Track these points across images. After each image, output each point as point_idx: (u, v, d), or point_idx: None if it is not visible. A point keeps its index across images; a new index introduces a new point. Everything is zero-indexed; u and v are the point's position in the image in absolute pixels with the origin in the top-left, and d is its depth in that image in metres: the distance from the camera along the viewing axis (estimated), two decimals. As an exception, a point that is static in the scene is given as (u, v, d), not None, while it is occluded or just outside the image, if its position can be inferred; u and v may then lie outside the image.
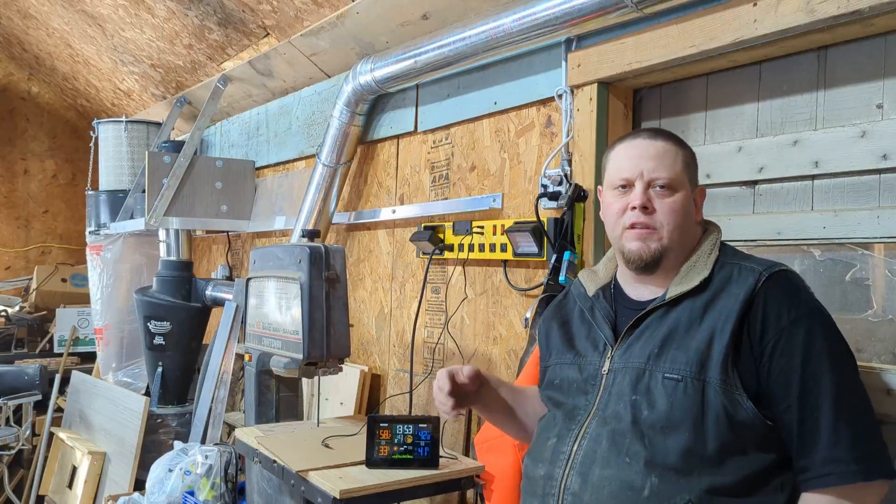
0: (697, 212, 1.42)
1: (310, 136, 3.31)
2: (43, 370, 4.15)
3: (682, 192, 1.37)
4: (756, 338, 1.25)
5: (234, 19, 3.27)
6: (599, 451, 1.30)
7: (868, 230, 1.57)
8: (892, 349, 1.56)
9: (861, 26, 1.53)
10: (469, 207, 2.43)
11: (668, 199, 1.36)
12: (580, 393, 1.40)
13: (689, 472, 1.22)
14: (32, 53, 5.42)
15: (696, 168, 1.43)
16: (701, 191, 1.44)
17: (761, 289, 1.26)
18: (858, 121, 1.62)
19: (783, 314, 1.24)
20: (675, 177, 1.36)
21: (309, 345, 2.10)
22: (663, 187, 1.36)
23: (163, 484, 2.48)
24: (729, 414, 1.22)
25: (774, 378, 1.24)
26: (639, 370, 1.32)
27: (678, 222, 1.36)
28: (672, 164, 1.37)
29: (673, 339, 1.30)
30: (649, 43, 1.84)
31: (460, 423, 2.41)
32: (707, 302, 1.30)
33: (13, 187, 5.87)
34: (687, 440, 1.23)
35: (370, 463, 1.80)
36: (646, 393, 1.29)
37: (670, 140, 1.40)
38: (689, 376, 1.25)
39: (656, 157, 1.37)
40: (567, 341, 1.50)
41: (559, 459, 1.35)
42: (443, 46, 2.28)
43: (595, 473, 1.29)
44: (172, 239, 3.44)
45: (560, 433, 1.39)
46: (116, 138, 4.01)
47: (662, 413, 1.26)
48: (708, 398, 1.24)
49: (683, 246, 1.39)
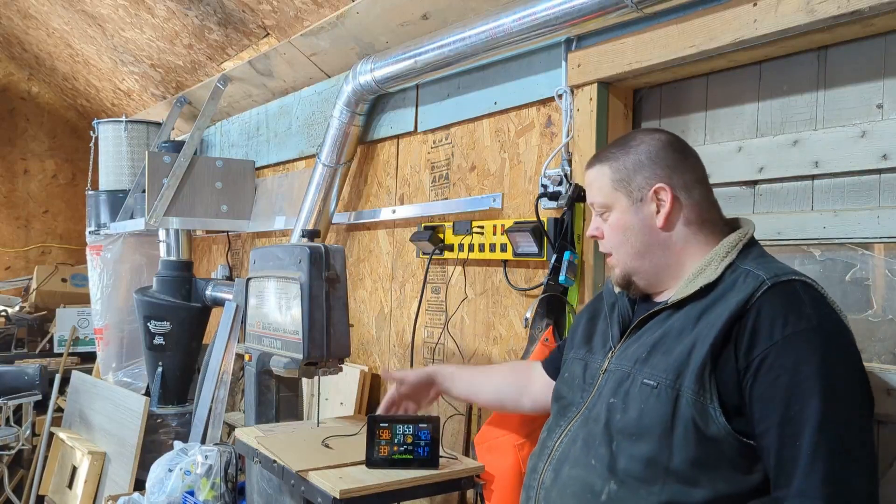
0: (661, 215, 1.33)
1: (310, 136, 3.31)
2: (43, 370, 4.15)
3: (616, 210, 1.37)
4: (742, 350, 1.16)
5: (234, 19, 3.27)
6: (573, 451, 1.32)
7: (868, 230, 1.57)
8: (892, 349, 1.56)
9: (861, 26, 1.53)
10: (469, 207, 2.43)
11: (608, 223, 1.40)
12: (580, 390, 1.41)
13: (651, 482, 1.19)
14: (32, 53, 5.42)
15: (638, 173, 1.34)
16: (657, 190, 1.33)
17: (758, 299, 1.17)
18: (858, 121, 1.62)
19: (776, 329, 1.14)
20: (604, 199, 1.39)
21: (309, 345, 2.10)
22: (602, 212, 1.41)
23: (163, 484, 2.48)
24: (698, 427, 1.16)
25: (757, 396, 1.15)
26: (624, 373, 1.30)
27: (621, 241, 1.37)
28: (600, 187, 1.40)
29: (662, 345, 1.26)
30: (649, 43, 1.84)
31: (460, 423, 2.41)
32: (704, 309, 1.24)
33: (13, 187, 5.87)
34: (651, 449, 1.19)
35: (370, 463, 1.80)
36: (623, 396, 1.27)
37: (597, 163, 1.42)
38: (665, 384, 1.21)
39: (590, 185, 1.44)
40: (587, 336, 1.50)
41: (544, 454, 1.39)
42: (443, 46, 2.28)
43: (564, 472, 1.32)
44: (172, 239, 3.44)
45: (550, 427, 1.43)
46: (116, 138, 4.01)
47: (633, 419, 1.23)
48: (679, 408, 1.18)
49: (651, 258, 1.34)
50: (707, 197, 1.38)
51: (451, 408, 2.45)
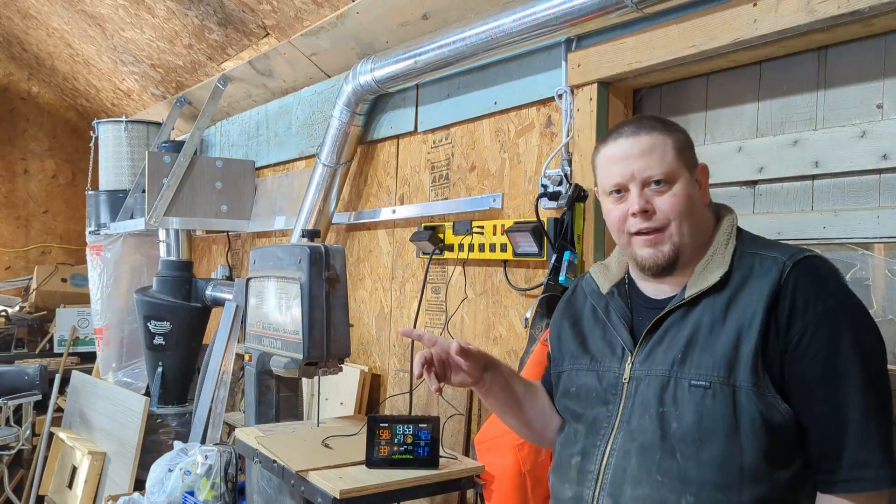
0: (703, 193, 1.32)
1: (310, 136, 3.31)
2: (43, 370, 4.15)
3: (681, 182, 1.27)
4: (782, 331, 1.17)
5: (234, 19, 3.27)
6: (629, 470, 1.22)
7: (868, 230, 1.57)
8: (893, 349, 1.56)
9: (861, 26, 1.53)
10: (469, 207, 2.43)
11: (667, 194, 1.26)
12: (600, 403, 1.31)
13: (727, 486, 1.15)
14: (32, 53, 5.42)
15: (691, 147, 1.33)
16: (702, 168, 1.33)
17: (787, 280, 1.17)
18: (858, 121, 1.62)
19: (809, 306, 1.16)
20: (669, 169, 1.26)
21: (309, 345, 2.10)
22: (659, 182, 1.26)
23: (163, 484, 2.48)
24: (765, 419, 1.15)
25: (800, 374, 1.16)
26: (663, 378, 1.23)
27: (684, 214, 1.26)
28: (662, 155, 1.27)
29: (696, 342, 1.21)
30: (649, 43, 1.84)
31: (460, 423, 2.41)
32: (729, 299, 1.21)
33: (13, 187, 5.87)
34: (722, 452, 1.15)
35: (370, 463, 1.80)
36: (673, 403, 1.20)
37: (655, 129, 1.29)
38: (718, 381, 1.17)
39: (644, 153, 1.27)
40: (580, 344, 1.41)
41: (587, 479, 1.28)
42: (443, 46, 2.28)
43: (627, 494, 1.22)
44: (172, 239, 3.44)
45: (585, 450, 1.31)
46: (116, 138, 4.01)
47: (692, 424, 1.17)
48: (740, 404, 1.15)
49: (697, 236, 1.29)
50: None
51: (451, 408, 2.45)
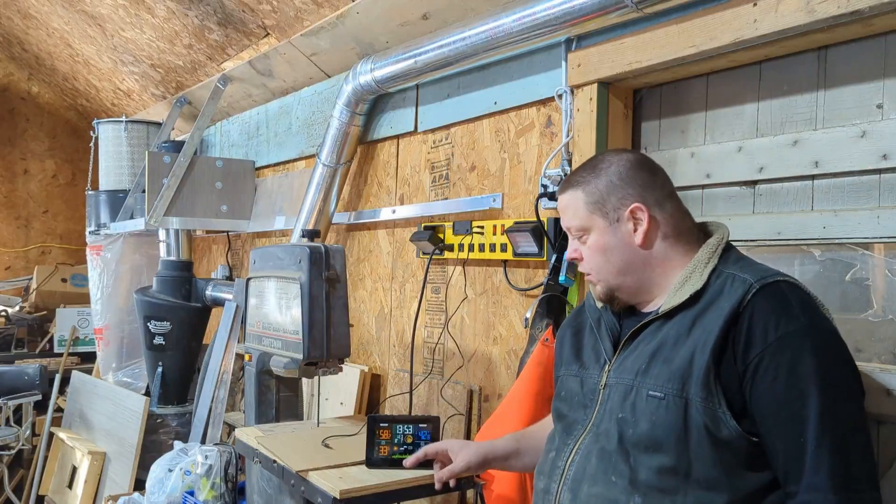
0: (640, 234, 1.35)
1: (310, 136, 3.31)
2: (43, 370, 4.15)
3: (594, 232, 1.39)
4: (740, 354, 1.20)
5: (234, 19, 3.27)
6: (588, 469, 1.32)
7: (868, 230, 1.57)
8: (892, 349, 1.56)
9: (861, 26, 1.53)
10: (469, 207, 2.43)
11: (587, 245, 1.41)
12: (581, 407, 1.41)
13: (673, 491, 1.21)
14: (32, 53, 5.42)
15: (612, 194, 1.37)
16: (634, 210, 1.35)
17: (749, 302, 1.21)
18: (858, 121, 1.61)
19: (770, 330, 1.19)
20: (580, 223, 1.40)
21: (309, 345, 2.10)
22: (579, 235, 1.42)
23: (163, 484, 2.48)
24: (711, 433, 1.19)
25: (758, 398, 1.19)
26: (627, 387, 1.31)
27: (601, 261, 1.38)
28: (575, 211, 1.41)
29: (660, 355, 1.28)
30: (649, 43, 1.84)
31: (460, 423, 2.41)
32: (696, 316, 1.27)
33: (13, 187, 5.87)
34: (669, 460, 1.21)
35: (370, 463, 1.80)
36: (631, 410, 1.28)
37: (570, 187, 1.43)
38: (671, 394, 1.23)
39: (564, 210, 1.44)
40: (576, 352, 1.49)
41: (555, 474, 1.38)
42: (443, 46, 2.28)
43: (584, 491, 1.31)
44: (172, 239, 3.44)
45: (558, 447, 1.41)
46: (116, 138, 4.02)
47: (645, 432, 1.25)
48: (690, 416, 1.21)
49: (633, 273, 1.37)
50: (679, 208, 1.41)
51: (451, 408, 2.45)
